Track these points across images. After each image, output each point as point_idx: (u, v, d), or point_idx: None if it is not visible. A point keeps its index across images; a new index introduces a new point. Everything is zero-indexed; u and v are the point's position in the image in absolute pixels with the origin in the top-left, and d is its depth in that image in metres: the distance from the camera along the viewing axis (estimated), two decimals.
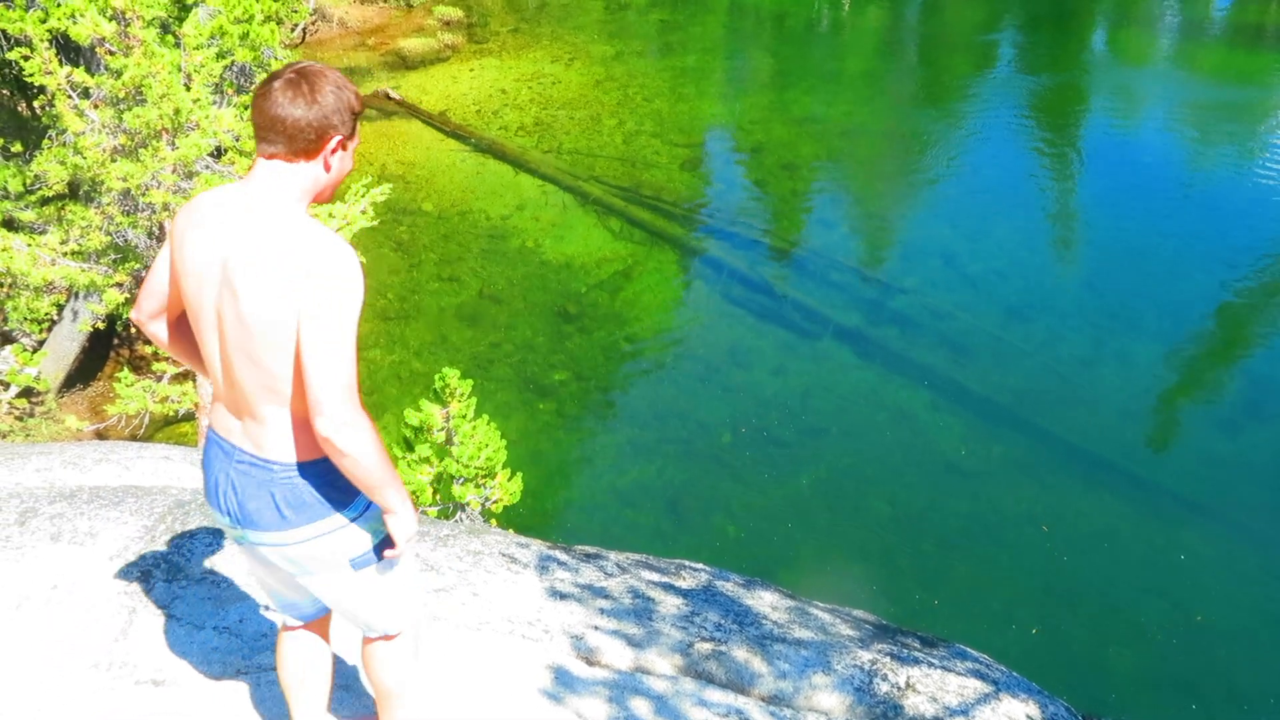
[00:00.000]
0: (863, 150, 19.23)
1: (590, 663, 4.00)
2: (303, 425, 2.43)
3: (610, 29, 25.46)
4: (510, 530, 6.42)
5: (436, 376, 7.22)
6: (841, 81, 22.38)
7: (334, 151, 2.39)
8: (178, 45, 7.90)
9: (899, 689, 3.93)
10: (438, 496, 7.37)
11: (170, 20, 8.13)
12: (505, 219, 16.83)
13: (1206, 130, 18.90)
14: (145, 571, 4.26)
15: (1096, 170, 17.91)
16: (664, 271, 15.39)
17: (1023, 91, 21.81)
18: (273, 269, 2.29)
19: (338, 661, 3.44)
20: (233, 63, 8.51)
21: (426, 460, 7.27)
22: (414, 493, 7.10)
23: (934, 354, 12.88)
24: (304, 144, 2.33)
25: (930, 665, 4.15)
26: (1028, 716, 3.93)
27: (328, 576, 2.59)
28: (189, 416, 9.99)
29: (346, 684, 3.57)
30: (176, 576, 4.24)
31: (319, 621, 2.94)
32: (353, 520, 2.54)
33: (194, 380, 8.86)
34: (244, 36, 8.32)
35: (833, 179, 18.33)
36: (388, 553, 2.56)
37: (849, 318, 13.73)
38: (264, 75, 9.53)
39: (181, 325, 2.67)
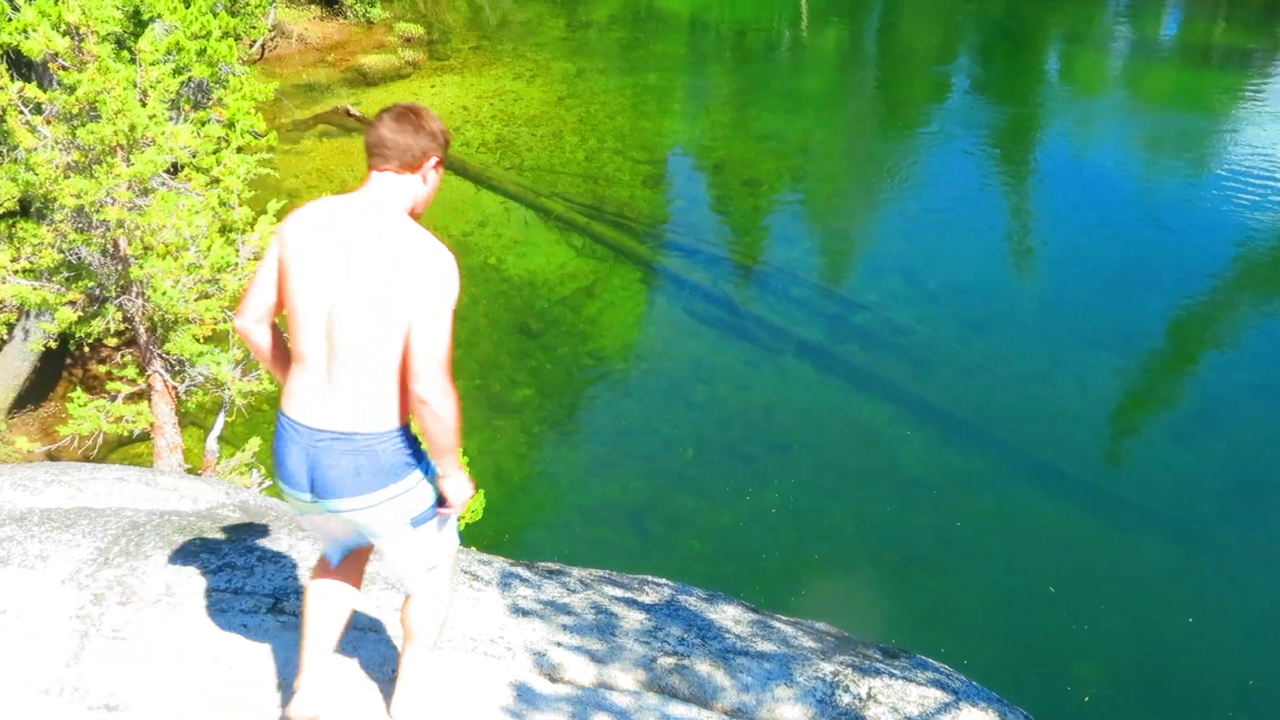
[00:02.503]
0: (823, 167, 19.43)
1: (553, 679, 3.97)
2: (385, 400, 2.87)
3: (572, 46, 25.56)
4: (472, 548, 6.37)
5: None
6: (801, 99, 22.62)
7: (432, 169, 3.05)
8: (133, 61, 7.81)
9: (860, 700, 3.95)
10: None
11: (125, 35, 8.04)
12: (467, 236, 16.78)
13: (1158, 149, 19.32)
14: (98, 595, 4.18)
15: (1052, 188, 18.23)
16: (627, 288, 15.42)
17: (978, 110, 22.18)
18: (391, 264, 2.79)
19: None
20: (190, 78, 8.43)
21: None
22: None
23: (895, 369, 13.01)
24: (410, 160, 2.95)
25: (891, 676, 4.17)
26: None
27: (391, 533, 3.01)
28: (144, 437, 9.82)
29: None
30: (130, 599, 4.16)
31: (351, 568, 3.28)
32: (417, 484, 2.99)
33: (148, 400, 8.72)
34: (201, 52, 8.26)
35: (794, 196, 18.49)
36: (442, 510, 3.04)
37: (811, 333, 13.83)
38: (221, 91, 9.47)
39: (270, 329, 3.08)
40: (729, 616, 4.66)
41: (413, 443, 3.00)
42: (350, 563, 3.29)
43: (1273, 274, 15.25)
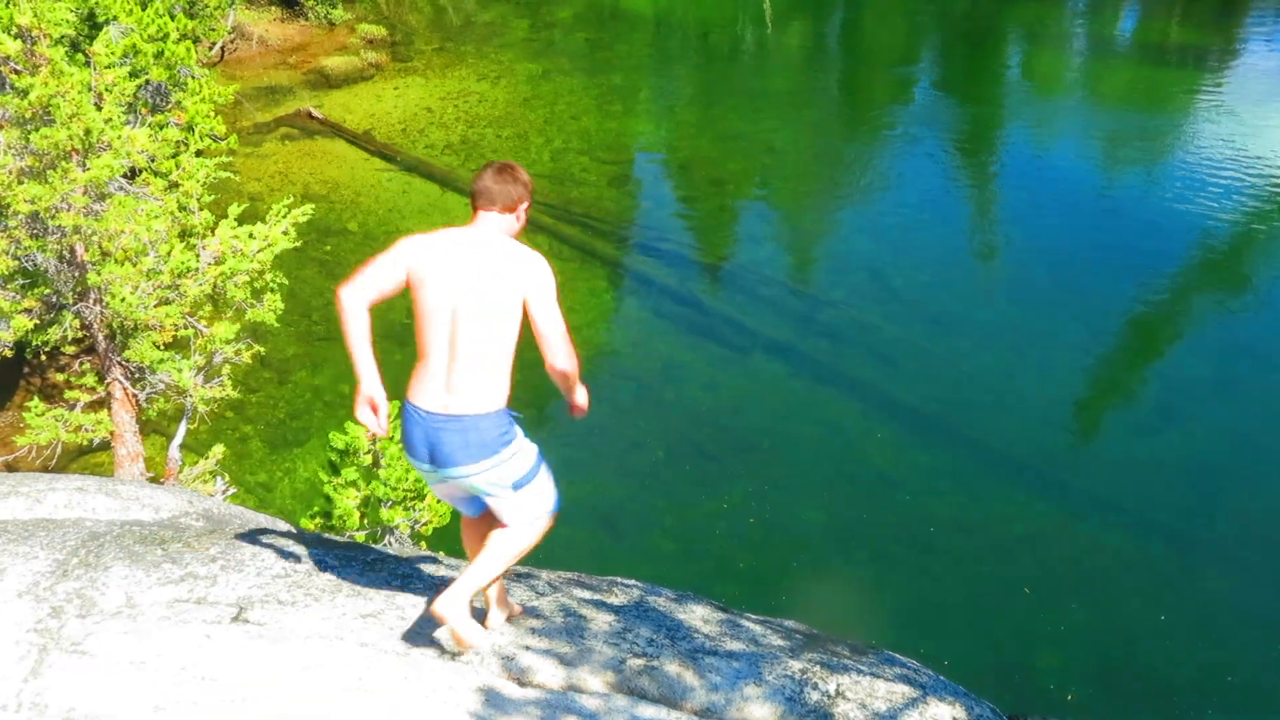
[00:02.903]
0: (789, 166, 19.52)
1: (522, 683, 3.95)
2: (488, 390, 3.64)
3: (536, 47, 25.49)
4: (441, 553, 6.33)
5: None
6: (767, 99, 22.71)
7: (523, 209, 3.81)
8: (88, 64, 7.69)
9: (829, 697, 3.97)
10: (365, 520, 7.25)
11: (80, 38, 7.92)
12: None
13: (1118, 147, 19.60)
14: (56, 608, 4.10)
15: (1014, 186, 18.43)
16: (594, 289, 15.40)
17: (941, 109, 22.38)
18: (507, 273, 3.59)
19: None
20: (147, 81, 8.33)
21: (353, 484, 7.15)
22: (340, 517, 6.96)
23: (862, 366, 13.10)
24: (509, 203, 3.73)
25: (859, 672, 4.19)
26: (954, 719, 3.99)
27: (498, 494, 3.78)
28: (104, 446, 9.67)
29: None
30: (90, 611, 4.09)
31: (487, 517, 4.02)
32: (514, 455, 3.73)
33: (108, 408, 8.59)
34: (158, 55, 8.16)
35: (760, 195, 18.56)
36: (576, 411, 3.98)
37: (779, 332, 13.89)
38: (179, 94, 9.35)
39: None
40: (698, 616, 4.66)
41: (509, 421, 3.72)
42: (488, 513, 4.05)
43: (1230, 268, 15.52)
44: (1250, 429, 11.93)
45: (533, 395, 13.15)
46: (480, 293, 3.56)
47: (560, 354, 3.69)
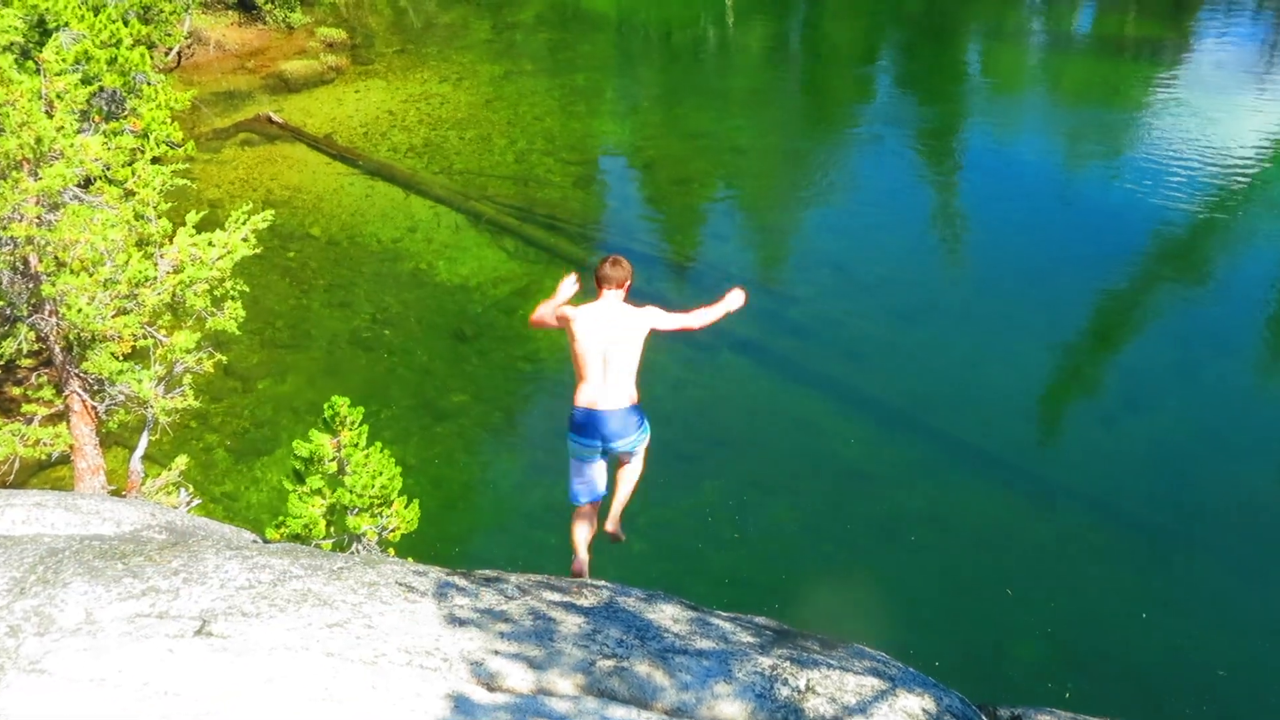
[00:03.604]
0: (753, 164, 19.57)
1: (491, 688, 3.92)
2: (628, 392, 5.63)
3: (498, 48, 25.39)
4: (409, 559, 6.28)
5: (326, 405, 7.03)
6: (730, 97, 22.76)
7: (630, 286, 5.74)
8: (38, 71, 7.55)
9: (799, 692, 3.97)
10: (331, 529, 7.17)
11: (30, 45, 7.78)
12: (397, 242, 16.57)
13: (1076, 140, 19.83)
14: (14, 627, 4.02)
15: (975, 180, 18.59)
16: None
17: (902, 106, 22.53)
18: (633, 320, 5.62)
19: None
20: (101, 88, 8.19)
21: (319, 492, 7.07)
22: (306, 526, 6.88)
23: (829, 361, 13.15)
24: (621, 281, 5.69)
25: (829, 667, 4.20)
26: (924, 710, 4.00)
27: (636, 451, 5.83)
28: (64, 459, 9.50)
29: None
30: (49, 629, 4.01)
31: (594, 509, 5.99)
32: (643, 431, 5.75)
33: (67, 422, 8.44)
34: (112, 61, 8.03)
35: (725, 193, 18.59)
36: (731, 309, 5.86)
37: (745, 329, 13.88)
38: (135, 101, 9.20)
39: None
40: (668, 616, 4.65)
41: (640, 411, 5.71)
42: (592, 506, 5.99)
43: (1189, 257, 15.74)
44: (1211, 416, 12.11)
45: (476, 388, 13.12)
46: (620, 335, 5.57)
47: (695, 324, 5.80)
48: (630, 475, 6.02)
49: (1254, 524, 10.59)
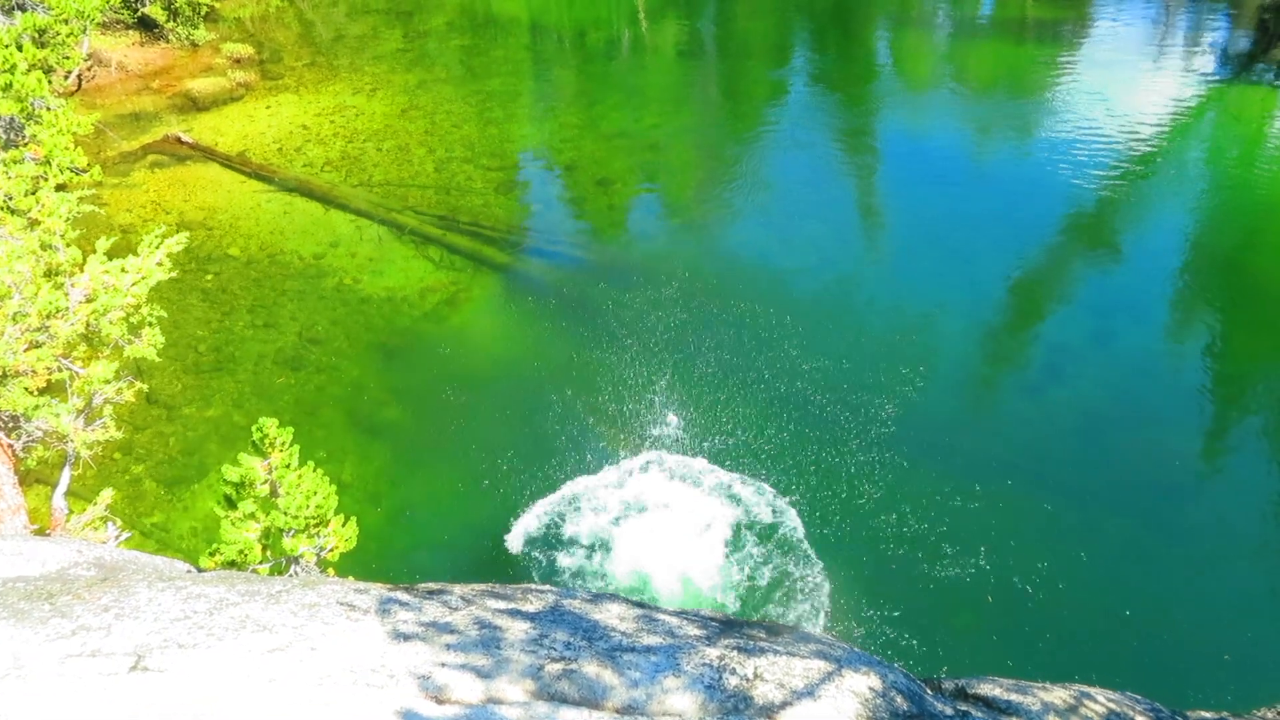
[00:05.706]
0: (673, 161, 19.67)
1: (440, 701, 3.89)
2: None
3: (410, 57, 25.11)
4: (350, 578, 6.20)
5: (254, 427, 6.89)
6: (646, 96, 22.85)
7: None
8: None
9: (748, 680, 4.02)
10: (268, 552, 7.03)
11: None
12: (319, 258, 16.30)
13: (985, 122, 20.32)
14: None
15: (890, 166, 18.96)
16: (489, 297, 15.26)
17: (816, 98, 22.85)
18: None
19: None
20: None
21: (252, 516, 6.92)
22: (241, 551, 6.74)
23: (756, 351, 13.28)
24: None
25: (776, 653, 4.25)
26: (870, 688, 4.08)
27: None
28: None
29: None
30: None
31: None
32: None
33: None
34: (7, 87, 7.76)
35: (646, 192, 18.65)
36: None
37: (676, 328, 13.98)
38: (34, 127, 8.89)
39: None
40: (614, 615, 4.66)
41: None
42: None
43: (1096, 230, 16.24)
44: (1128, 381, 12.53)
45: (408, 402, 12.99)
46: None
47: None
48: None
49: (1169, 481, 11.00)
